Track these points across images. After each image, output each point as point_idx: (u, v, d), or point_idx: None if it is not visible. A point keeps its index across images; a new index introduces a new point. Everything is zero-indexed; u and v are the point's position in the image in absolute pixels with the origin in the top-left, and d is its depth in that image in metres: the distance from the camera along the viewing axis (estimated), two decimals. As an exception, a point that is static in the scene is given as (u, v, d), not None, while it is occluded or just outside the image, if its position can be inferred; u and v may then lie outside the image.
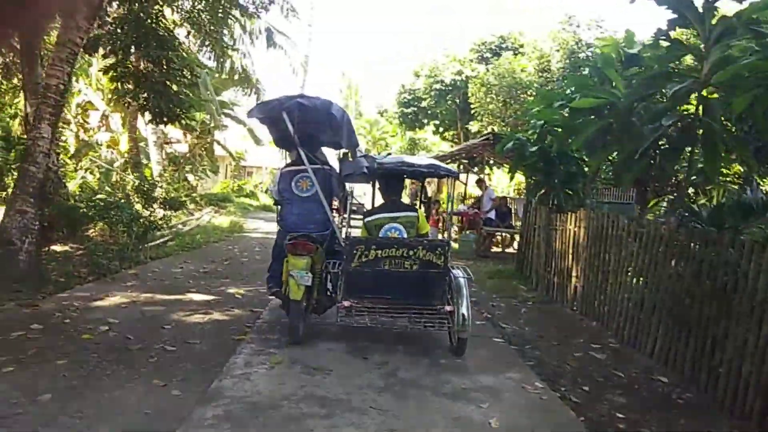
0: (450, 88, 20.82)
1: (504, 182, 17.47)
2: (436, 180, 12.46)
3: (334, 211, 5.68)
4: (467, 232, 12.80)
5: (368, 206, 6.28)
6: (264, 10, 11.64)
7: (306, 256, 4.82)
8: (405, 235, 5.09)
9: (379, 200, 5.79)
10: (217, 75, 21.64)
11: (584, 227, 7.37)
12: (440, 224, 12.31)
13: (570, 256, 7.74)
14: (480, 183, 13.10)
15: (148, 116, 10.87)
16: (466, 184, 14.74)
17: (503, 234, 13.41)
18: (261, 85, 19.61)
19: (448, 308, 4.85)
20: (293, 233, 5.05)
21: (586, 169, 8.41)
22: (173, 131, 25.12)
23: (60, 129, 16.63)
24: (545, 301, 7.96)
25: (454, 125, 22.50)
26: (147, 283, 7.21)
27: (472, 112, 17.19)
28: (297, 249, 4.84)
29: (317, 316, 5.41)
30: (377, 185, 5.72)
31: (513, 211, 14.04)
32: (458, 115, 21.17)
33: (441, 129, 23.25)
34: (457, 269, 5.06)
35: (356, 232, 5.48)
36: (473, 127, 17.24)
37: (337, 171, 5.65)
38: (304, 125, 5.26)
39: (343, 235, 5.25)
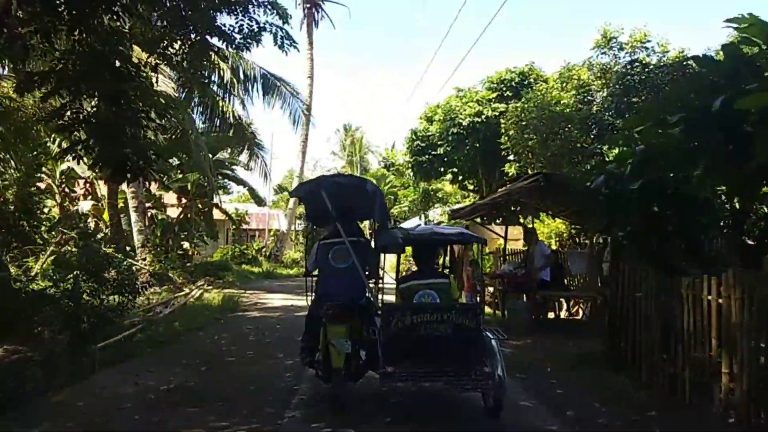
0: (469, 131, 18.70)
1: (542, 231, 14.87)
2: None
3: (369, 279, 5.70)
4: (518, 298, 10.14)
5: (392, 273, 6.64)
6: (254, 42, 9.32)
7: (345, 324, 4.98)
8: (438, 300, 5.26)
9: (404, 268, 6.24)
10: (213, 134, 19.75)
11: (738, 297, 4.84)
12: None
13: (712, 341, 5.17)
14: (528, 235, 10.54)
15: (108, 172, 8.60)
16: (505, 238, 12.19)
17: (562, 298, 10.80)
18: (259, 139, 17.53)
19: (486, 369, 4.83)
20: (331, 303, 5.16)
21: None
22: (167, 195, 23.14)
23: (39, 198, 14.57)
24: (679, 407, 5.32)
25: (475, 172, 20.22)
26: (68, 424, 4.57)
27: (503, 153, 14.84)
28: (336, 317, 5.00)
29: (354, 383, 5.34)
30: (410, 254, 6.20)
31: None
32: (479, 160, 18.95)
33: (460, 177, 20.91)
34: (488, 331, 5.13)
35: (388, 298, 5.69)
36: (510, 169, 14.79)
37: (371, 242, 5.84)
38: (340, 201, 5.55)
39: (379, 302, 5.51)
